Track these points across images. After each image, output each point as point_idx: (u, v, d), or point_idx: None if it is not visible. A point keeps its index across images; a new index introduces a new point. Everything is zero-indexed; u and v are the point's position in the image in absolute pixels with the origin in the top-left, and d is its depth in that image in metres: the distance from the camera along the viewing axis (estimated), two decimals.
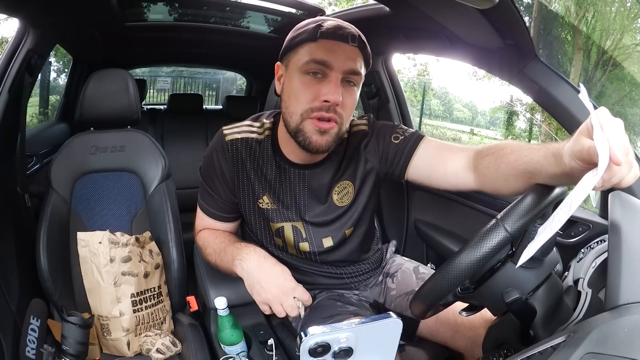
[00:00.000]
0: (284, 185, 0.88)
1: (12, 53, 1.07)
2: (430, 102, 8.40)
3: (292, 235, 0.90)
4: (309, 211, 0.89)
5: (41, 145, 1.50)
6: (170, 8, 1.71)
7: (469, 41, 0.98)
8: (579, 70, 5.38)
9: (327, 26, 0.75)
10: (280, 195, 0.88)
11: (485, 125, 8.58)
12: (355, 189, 0.90)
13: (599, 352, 0.44)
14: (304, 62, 0.75)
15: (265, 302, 0.76)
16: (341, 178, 0.89)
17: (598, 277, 0.68)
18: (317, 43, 0.74)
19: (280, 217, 0.89)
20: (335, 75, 0.74)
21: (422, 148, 0.84)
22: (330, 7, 7.30)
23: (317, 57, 0.74)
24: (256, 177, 0.88)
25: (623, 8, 5.27)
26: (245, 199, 0.90)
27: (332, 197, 0.89)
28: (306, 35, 0.76)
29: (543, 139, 6.17)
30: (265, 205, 0.89)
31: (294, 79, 0.77)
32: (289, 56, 0.79)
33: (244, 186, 0.89)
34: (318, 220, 0.90)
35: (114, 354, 1.04)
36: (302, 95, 0.76)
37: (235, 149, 0.87)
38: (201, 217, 0.95)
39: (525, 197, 0.59)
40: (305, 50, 0.76)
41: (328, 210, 0.90)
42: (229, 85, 7.04)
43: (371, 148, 0.89)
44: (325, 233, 0.91)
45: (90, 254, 1.03)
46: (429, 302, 0.64)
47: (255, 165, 0.87)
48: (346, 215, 0.91)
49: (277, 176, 0.88)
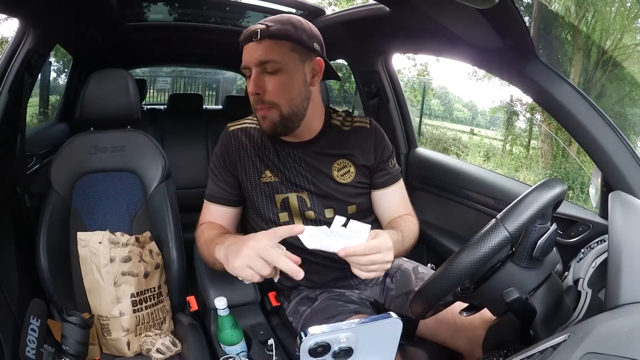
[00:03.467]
0: (284, 162, 0.96)
1: (12, 53, 1.07)
2: (430, 102, 8.39)
3: (297, 204, 0.96)
4: (312, 182, 0.96)
5: (41, 145, 1.50)
6: (170, 8, 1.71)
7: (469, 41, 0.98)
8: (579, 70, 5.37)
9: (243, 34, 0.87)
10: (282, 169, 0.96)
11: (485, 125, 8.57)
12: (355, 169, 0.97)
13: (599, 352, 0.44)
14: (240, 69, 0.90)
15: (235, 269, 0.71)
16: (339, 156, 0.97)
17: (598, 277, 0.68)
18: (243, 50, 0.88)
19: (285, 188, 0.96)
20: (253, 71, 0.86)
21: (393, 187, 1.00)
22: (330, 7, 7.29)
23: (242, 64, 0.88)
24: (257, 157, 0.97)
25: (623, 8, 5.27)
26: (250, 177, 0.97)
27: (332, 173, 0.96)
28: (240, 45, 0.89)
29: (543, 139, 6.17)
30: (269, 179, 0.96)
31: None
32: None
33: (246, 167, 0.97)
34: (321, 191, 0.96)
35: (114, 354, 1.04)
36: (249, 95, 0.89)
37: (237, 137, 0.99)
38: (205, 207, 1.00)
39: (525, 197, 0.59)
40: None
41: (330, 184, 0.96)
42: (229, 85, 7.05)
43: (371, 146, 0.98)
44: (328, 204, 0.96)
45: (90, 254, 1.03)
46: (429, 302, 0.64)
47: (255, 148, 0.97)
48: (348, 192, 0.97)
49: (275, 155, 0.96)
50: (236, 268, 0.70)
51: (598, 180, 0.94)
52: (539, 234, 0.60)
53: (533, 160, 6.21)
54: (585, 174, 4.82)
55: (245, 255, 0.69)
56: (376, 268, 0.71)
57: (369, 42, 1.45)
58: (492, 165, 6.18)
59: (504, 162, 6.24)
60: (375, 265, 0.70)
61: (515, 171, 5.86)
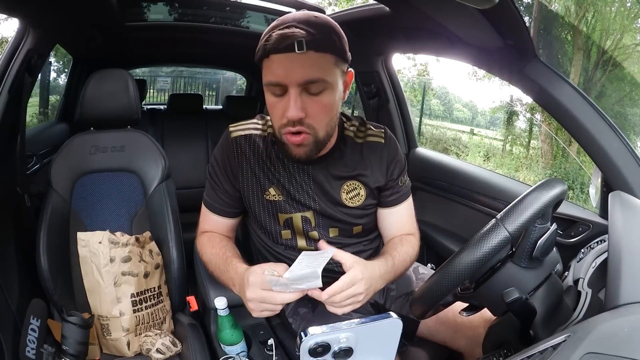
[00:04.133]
0: (291, 179, 0.88)
1: (12, 53, 1.07)
2: (430, 102, 8.39)
3: (301, 224, 0.90)
4: (318, 203, 0.89)
5: (41, 145, 1.50)
6: (170, 8, 1.72)
7: (469, 41, 0.98)
8: (579, 70, 5.37)
9: (272, 39, 0.71)
10: (288, 187, 0.88)
11: (485, 125, 8.57)
12: (365, 191, 0.90)
13: (599, 352, 0.44)
14: (264, 83, 0.76)
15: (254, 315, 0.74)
16: (350, 178, 0.89)
17: (598, 277, 0.68)
18: (269, 60, 0.73)
19: (289, 208, 0.89)
20: (292, 90, 0.72)
21: (400, 206, 0.94)
22: (330, 7, 7.29)
23: (270, 79, 0.73)
24: (261, 171, 0.89)
25: (623, 8, 5.26)
26: (251, 193, 0.90)
27: (341, 196, 0.89)
28: (260, 53, 0.75)
29: (543, 139, 6.17)
30: (272, 197, 0.89)
31: (266, 96, 0.78)
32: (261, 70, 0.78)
33: (249, 180, 0.89)
34: (327, 213, 0.90)
35: (114, 354, 1.04)
36: (273, 113, 0.78)
37: (239, 145, 0.89)
38: (204, 214, 0.95)
39: (525, 197, 0.59)
40: (264, 69, 0.75)
41: (337, 207, 0.90)
42: (229, 85, 7.05)
43: (384, 165, 0.91)
44: (333, 225, 0.91)
45: (90, 254, 1.03)
46: (429, 302, 0.64)
47: (259, 160, 0.89)
48: (355, 214, 0.92)
49: (282, 170, 0.88)
50: (252, 310, 0.73)
51: (598, 180, 0.94)
52: (539, 234, 0.60)
53: (533, 160, 6.21)
54: (585, 174, 4.81)
55: (253, 309, 0.72)
56: (349, 305, 0.72)
57: (369, 42, 1.45)
58: (492, 165, 6.18)
59: (504, 162, 6.24)
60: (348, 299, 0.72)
61: (515, 171, 5.86)
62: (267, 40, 0.72)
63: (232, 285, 0.80)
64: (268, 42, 0.72)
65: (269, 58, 0.72)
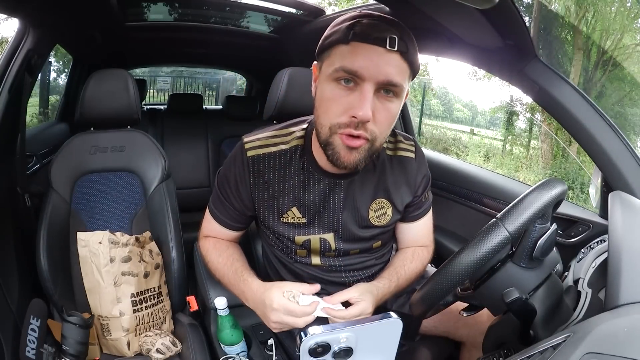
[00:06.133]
0: (316, 196, 0.81)
1: (12, 53, 1.07)
2: (430, 102, 8.39)
3: (318, 246, 0.85)
4: (343, 223, 0.84)
5: (41, 145, 1.50)
6: (170, 8, 1.71)
7: (469, 41, 0.98)
8: (579, 70, 5.37)
9: (362, 25, 0.64)
10: (310, 207, 0.82)
11: (485, 125, 8.58)
12: (392, 210, 0.87)
13: (599, 352, 0.44)
14: (334, 68, 0.66)
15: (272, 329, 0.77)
16: (379, 195, 0.85)
17: (598, 277, 0.68)
18: (349, 46, 0.65)
19: (308, 230, 0.84)
20: (367, 86, 0.64)
21: (420, 221, 0.93)
22: (330, 7, 7.29)
23: (346, 65, 0.65)
24: (281, 192, 0.82)
25: (623, 8, 5.26)
26: (268, 215, 0.84)
27: (369, 215, 0.84)
28: (338, 36, 0.66)
29: (543, 138, 6.17)
30: (291, 219, 0.83)
31: (325, 87, 0.69)
32: (323, 57, 0.71)
33: (266, 203, 0.83)
34: (349, 233, 0.85)
35: (114, 354, 1.04)
36: (331, 107, 0.68)
37: (256, 166, 0.81)
38: (208, 221, 0.93)
39: (525, 197, 0.59)
40: (336, 54, 0.67)
41: (364, 227, 0.86)
42: (229, 85, 7.04)
43: (413, 183, 0.88)
44: (354, 246, 0.87)
45: (90, 254, 1.03)
46: (430, 302, 0.64)
47: (280, 180, 0.81)
48: (379, 232, 0.88)
49: (306, 187, 0.81)
50: (273, 329, 0.75)
51: (598, 180, 0.94)
52: (539, 234, 0.60)
53: (533, 160, 6.21)
54: (585, 174, 4.81)
55: (275, 321, 0.73)
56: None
57: None
58: (492, 165, 6.18)
59: (504, 162, 6.24)
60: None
61: (515, 171, 5.86)
62: (352, 25, 0.65)
63: (244, 299, 0.81)
64: (355, 27, 0.64)
65: (350, 44, 0.65)
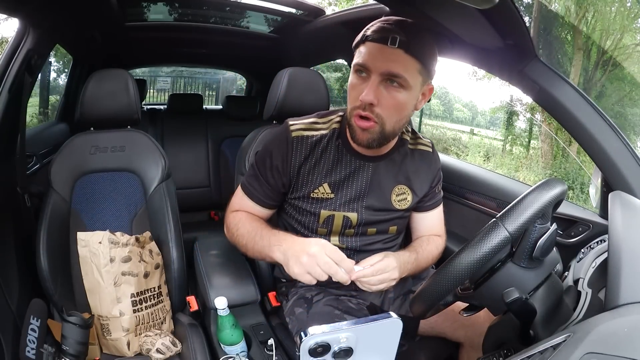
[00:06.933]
0: (346, 174, 0.91)
1: (12, 53, 1.07)
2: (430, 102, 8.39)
3: (341, 223, 0.93)
4: (367, 203, 0.93)
5: (41, 145, 1.50)
6: (170, 8, 1.71)
7: (469, 41, 0.98)
8: (579, 70, 5.38)
9: (373, 29, 0.80)
10: (339, 183, 0.92)
11: (485, 125, 8.58)
12: (412, 197, 0.96)
13: (599, 352, 0.44)
14: (354, 63, 0.83)
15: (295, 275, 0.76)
16: (401, 182, 0.95)
17: (598, 277, 0.68)
18: (364, 45, 0.81)
19: (336, 206, 0.92)
20: (373, 77, 0.79)
21: (433, 211, 1.02)
22: (330, 7, 7.29)
23: (360, 61, 0.81)
24: (316, 169, 0.91)
25: (623, 8, 5.27)
26: (301, 190, 0.92)
27: (392, 197, 0.94)
28: (359, 39, 0.83)
29: (543, 138, 6.18)
30: (320, 194, 0.92)
31: (350, 78, 0.85)
32: (353, 55, 0.85)
33: (303, 180, 0.92)
34: (371, 214, 0.93)
35: (114, 354, 1.04)
36: (351, 93, 0.84)
37: (301, 146, 0.91)
38: (240, 197, 0.97)
39: (525, 197, 0.59)
40: (357, 52, 0.83)
41: (386, 208, 0.94)
42: (229, 85, 7.04)
43: (430, 175, 0.99)
44: (373, 226, 0.95)
45: (90, 254, 1.03)
46: (429, 302, 0.64)
47: (318, 159, 0.91)
48: (397, 216, 0.97)
49: (338, 165, 0.92)
50: (297, 274, 0.75)
51: (598, 180, 0.94)
52: (539, 234, 0.60)
53: (533, 160, 6.21)
54: (585, 174, 4.82)
55: (306, 264, 0.74)
56: (384, 286, 0.82)
57: None
58: (492, 165, 6.18)
59: (504, 162, 6.25)
60: (382, 284, 0.81)
61: (515, 171, 5.87)
62: (368, 29, 0.82)
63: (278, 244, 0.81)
64: (368, 31, 0.81)
65: (365, 44, 0.81)
